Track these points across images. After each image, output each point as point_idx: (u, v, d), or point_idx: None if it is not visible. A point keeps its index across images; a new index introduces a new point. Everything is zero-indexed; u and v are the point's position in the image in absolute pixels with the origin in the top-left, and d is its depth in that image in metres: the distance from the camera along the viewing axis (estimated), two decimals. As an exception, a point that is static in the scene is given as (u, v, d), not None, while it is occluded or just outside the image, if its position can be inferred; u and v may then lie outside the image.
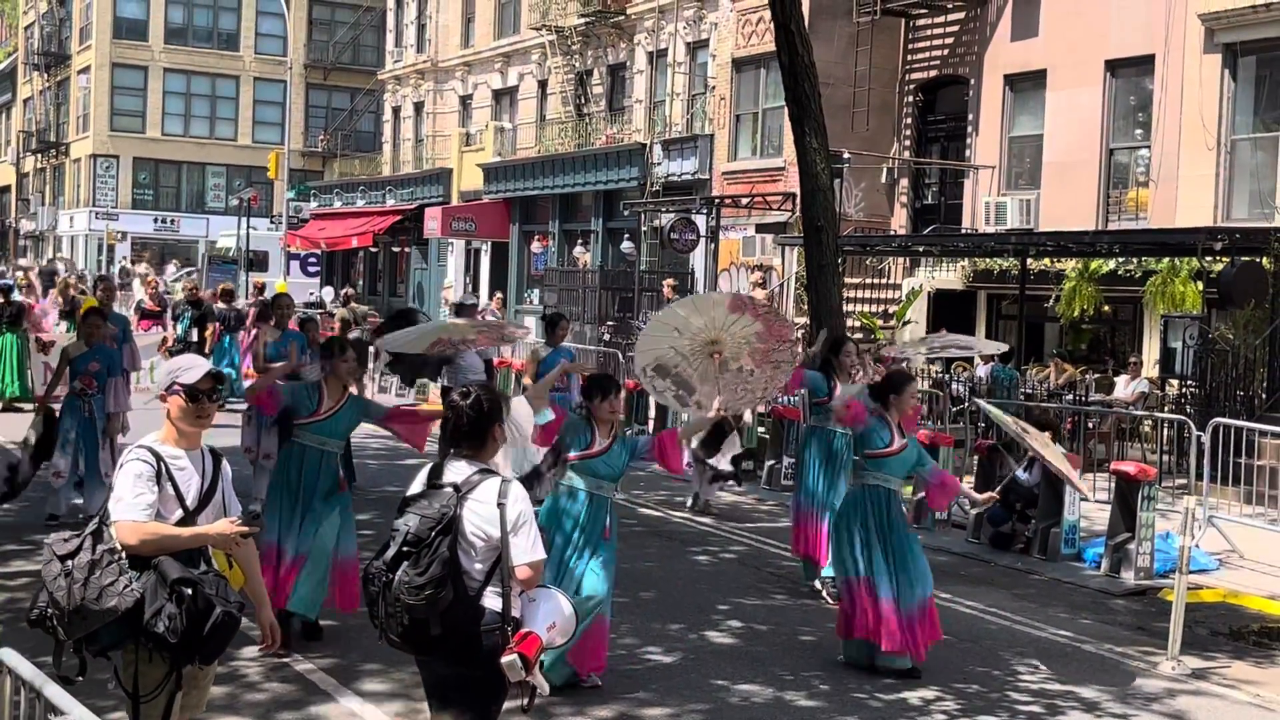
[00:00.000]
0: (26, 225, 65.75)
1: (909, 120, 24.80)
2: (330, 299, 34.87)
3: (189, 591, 4.72)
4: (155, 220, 56.97)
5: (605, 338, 26.15)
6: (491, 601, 4.89)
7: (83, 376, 11.92)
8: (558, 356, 13.13)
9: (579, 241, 32.09)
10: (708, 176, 27.36)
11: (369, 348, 20.97)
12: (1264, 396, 15.71)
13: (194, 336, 20.83)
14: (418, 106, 41.16)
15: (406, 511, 4.92)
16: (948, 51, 24.17)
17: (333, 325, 22.78)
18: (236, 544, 5.00)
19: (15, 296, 20.08)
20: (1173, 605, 9.19)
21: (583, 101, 32.86)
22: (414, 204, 38.31)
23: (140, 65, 56.49)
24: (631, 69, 31.07)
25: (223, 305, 21.74)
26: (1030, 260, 20.50)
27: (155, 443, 4.99)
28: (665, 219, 26.41)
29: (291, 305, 14.24)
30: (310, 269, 45.08)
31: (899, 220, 24.89)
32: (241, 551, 5.10)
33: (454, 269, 37.98)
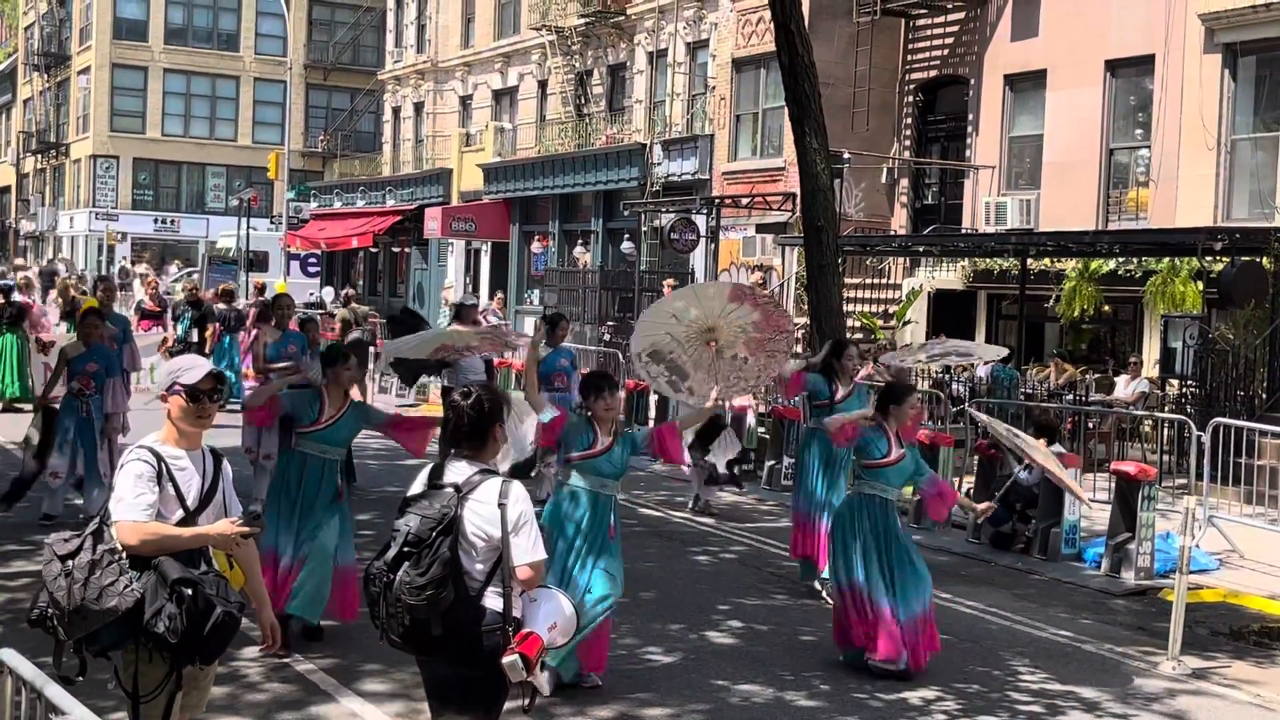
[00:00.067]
0: (26, 226, 65.76)
1: (909, 120, 24.80)
2: (330, 299, 34.86)
3: (189, 592, 4.72)
4: (155, 221, 56.98)
5: (605, 338, 26.15)
6: (492, 602, 4.89)
7: (80, 377, 11.92)
8: (558, 356, 13.14)
9: (579, 242, 32.09)
10: (708, 176, 27.36)
11: (369, 348, 21.00)
12: (1264, 396, 15.71)
13: (194, 337, 20.81)
14: (418, 107, 41.16)
15: (407, 512, 4.92)
16: (948, 51, 24.17)
17: (334, 326, 22.78)
18: (237, 544, 4.99)
19: (15, 297, 20.06)
20: (1173, 605, 9.19)
21: (583, 102, 32.86)
22: (414, 204, 38.30)
23: (140, 66, 56.50)
24: (631, 69, 31.07)
25: (223, 306, 21.72)
26: (1030, 260, 20.50)
27: (156, 443, 4.99)
28: (665, 219, 26.41)
29: (292, 306, 14.22)
30: (310, 269, 45.07)
31: (899, 220, 24.89)
32: (242, 552, 5.10)
33: (454, 269, 37.97)
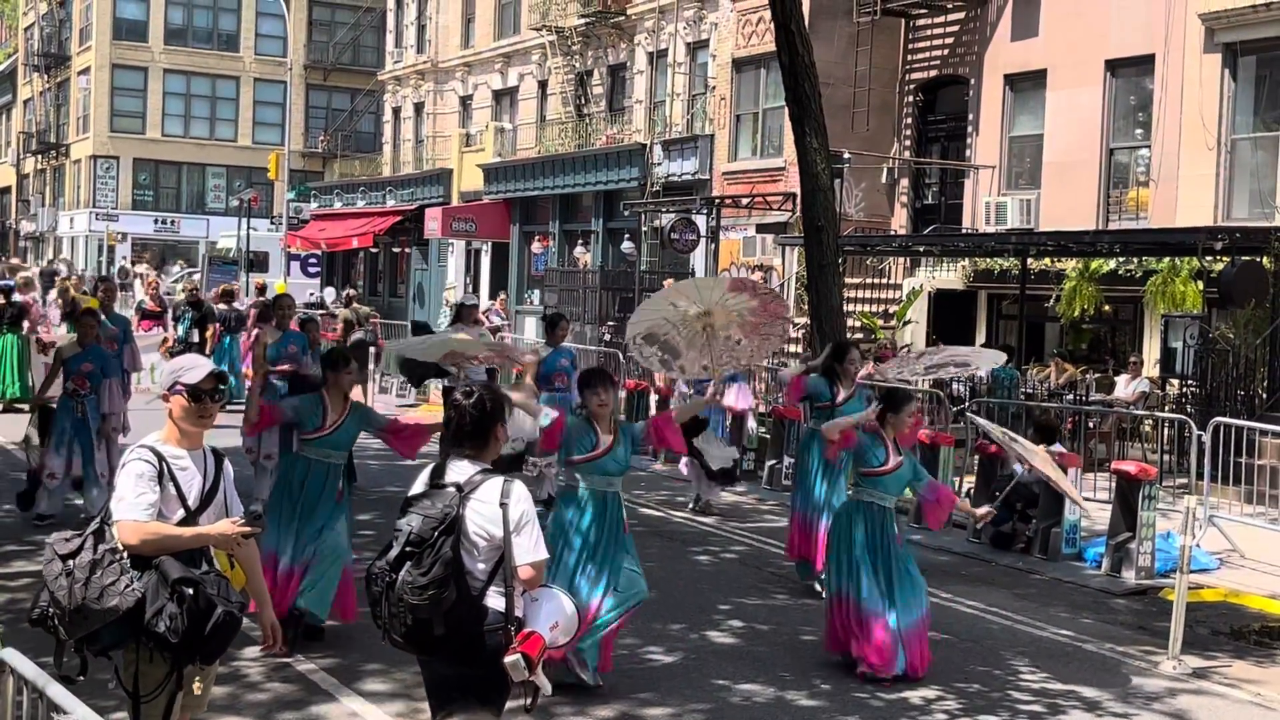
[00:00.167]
0: (27, 226, 65.77)
1: (909, 120, 24.80)
2: (332, 300, 34.87)
3: (190, 591, 4.72)
4: (155, 221, 56.99)
5: (605, 338, 26.16)
6: (494, 601, 4.89)
7: (75, 377, 11.92)
8: (558, 356, 13.14)
9: (579, 242, 32.09)
10: (708, 177, 27.37)
11: (369, 348, 20.99)
12: (1264, 396, 15.71)
13: (194, 337, 20.83)
14: (418, 107, 41.17)
15: (409, 511, 4.92)
16: (948, 51, 24.17)
17: (336, 326, 22.77)
18: (238, 544, 4.99)
19: (15, 297, 20.06)
20: (1174, 605, 9.19)
21: (583, 102, 32.86)
22: (414, 204, 38.30)
23: (140, 66, 56.50)
24: (631, 69, 31.08)
25: (223, 306, 21.74)
26: (1030, 260, 20.50)
27: (157, 442, 4.99)
28: (665, 219, 26.42)
29: (293, 306, 14.22)
30: (311, 270, 45.08)
31: (899, 220, 24.89)
32: (243, 551, 5.10)
33: (454, 269, 37.97)
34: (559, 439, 7.72)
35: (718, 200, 25.89)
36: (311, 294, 38.27)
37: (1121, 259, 19.68)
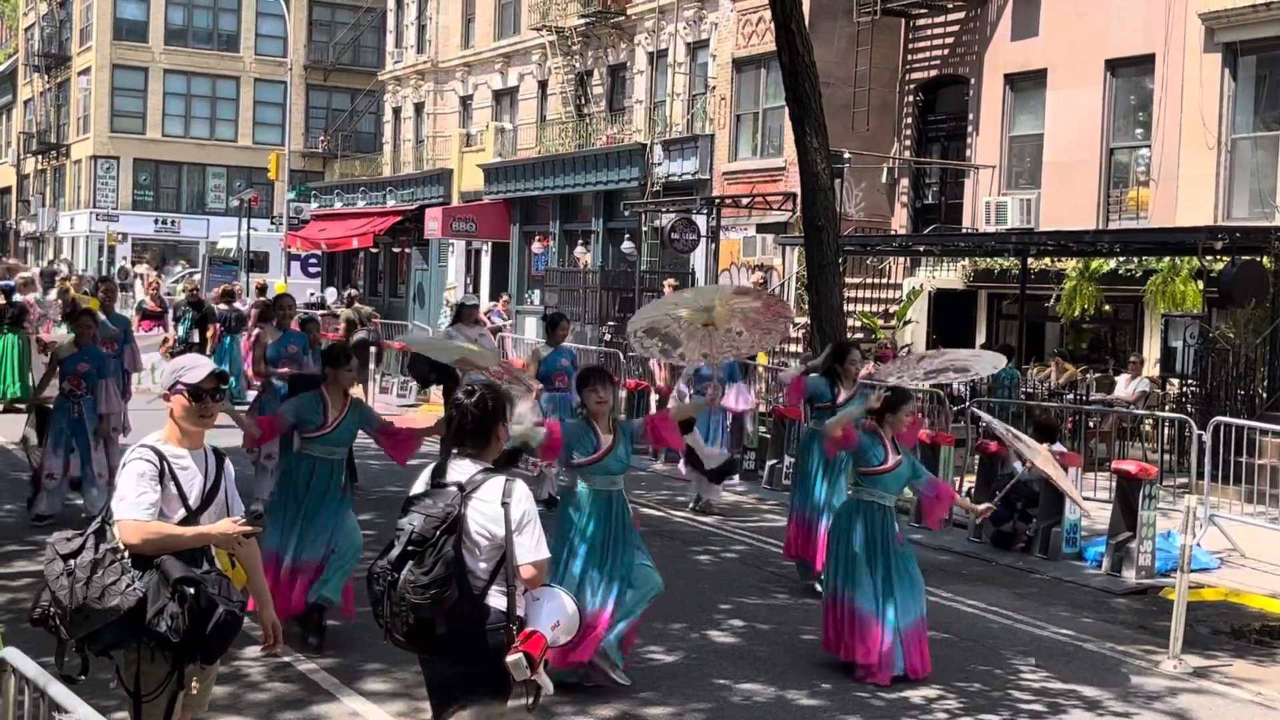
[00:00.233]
0: (27, 227, 65.78)
1: (909, 120, 24.80)
2: (334, 300, 34.89)
3: (191, 591, 4.72)
4: (156, 221, 57.01)
5: (606, 338, 26.15)
6: (496, 600, 4.90)
7: (71, 377, 11.92)
8: (559, 356, 13.16)
9: (579, 242, 32.09)
10: (708, 176, 27.36)
11: (370, 348, 21.00)
12: (1265, 395, 15.71)
13: (195, 338, 20.84)
14: (418, 107, 41.17)
15: (411, 511, 4.92)
16: (948, 51, 24.17)
17: (338, 326, 22.78)
18: (239, 543, 5.00)
19: (16, 297, 20.07)
20: (1174, 604, 9.20)
21: (583, 102, 32.86)
22: (414, 205, 38.30)
23: (140, 66, 56.51)
24: (632, 69, 31.08)
25: (224, 306, 21.76)
26: (1031, 260, 20.50)
27: (158, 442, 4.99)
28: (666, 219, 26.41)
29: (293, 306, 14.23)
30: (311, 270, 45.08)
31: (899, 220, 24.89)
32: (244, 551, 5.10)
33: (455, 270, 37.97)
34: (558, 448, 7.72)
35: (718, 200, 25.88)
36: (312, 294, 38.27)
37: (1121, 259, 19.68)
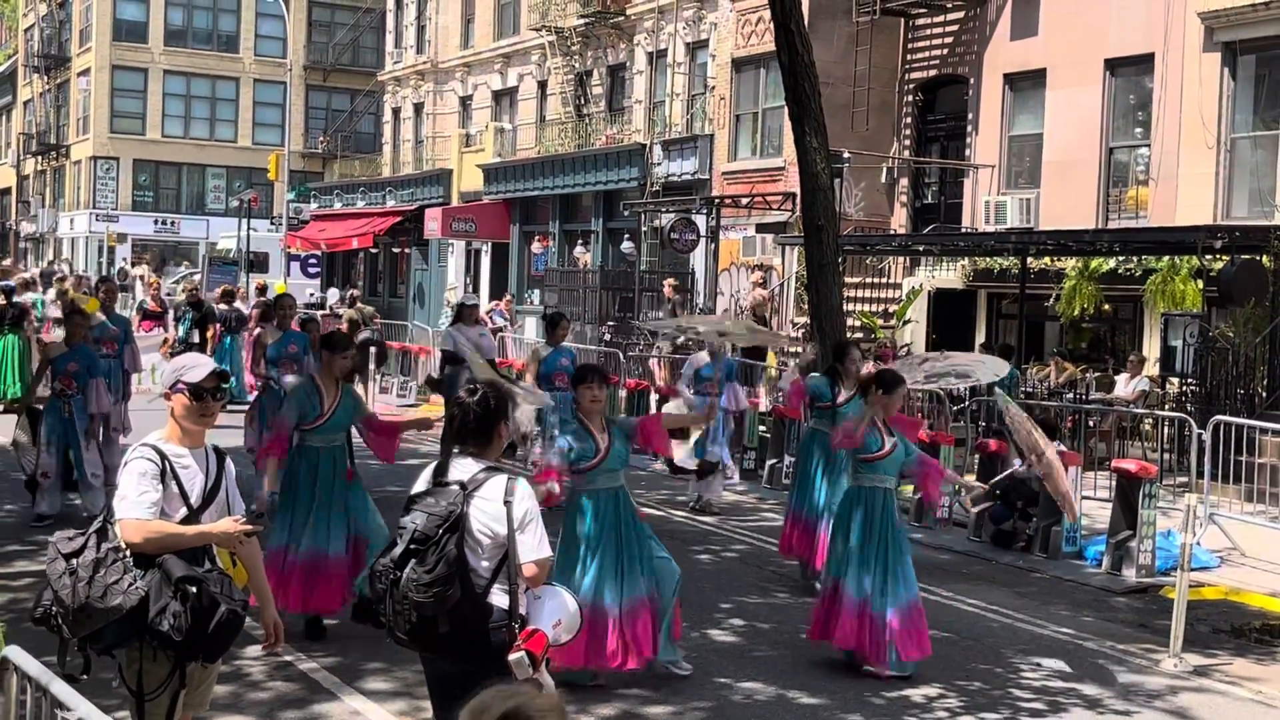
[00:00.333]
0: (27, 227, 65.78)
1: (909, 120, 24.81)
2: (335, 300, 34.89)
3: (193, 590, 4.72)
4: (155, 222, 57.01)
5: (605, 338, 26.17)
6: (498, 599, 4.90)
7: (62, 377, 11.92)
8: (558, 356, 13.17)
9: (579, 242, 32.09)
10: (708, 176, 27.36)
11: (370, 348, 20.99)
12: (1264, 394, 15.71)
13: (195, 338, 20.84)
14: (417, 107, 41.17)
15: (413, 509, 4.92)
16: (947, 51, 24.18)
17: (340, 326, 22.79)
18: (240, 542, 5.00)
19: (16, 298, 20.07)
20: (1174, 602, 9.20)
21: (582, 102, 32.86)
22: (414, 205, 38.30)
23: (140, 67, 56.51)
24: (631, 69, 31.08)
25: (224, 306, 21.76)
26: (1030, 259, 20.49)
27: (159, 441, 4.99)
28: (665, 219, 26.42)
29: (294, 306, 14.28)
30: (311, 270, 45.09)
31: (899, 219, 24.89)
32: (245, 549, 5.11)
33: (454, 270, 37.97)
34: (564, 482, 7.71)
35: (717, 200, 25.89)
36: (311, 294, 38.31)
37: (1121, 258, 19.68)
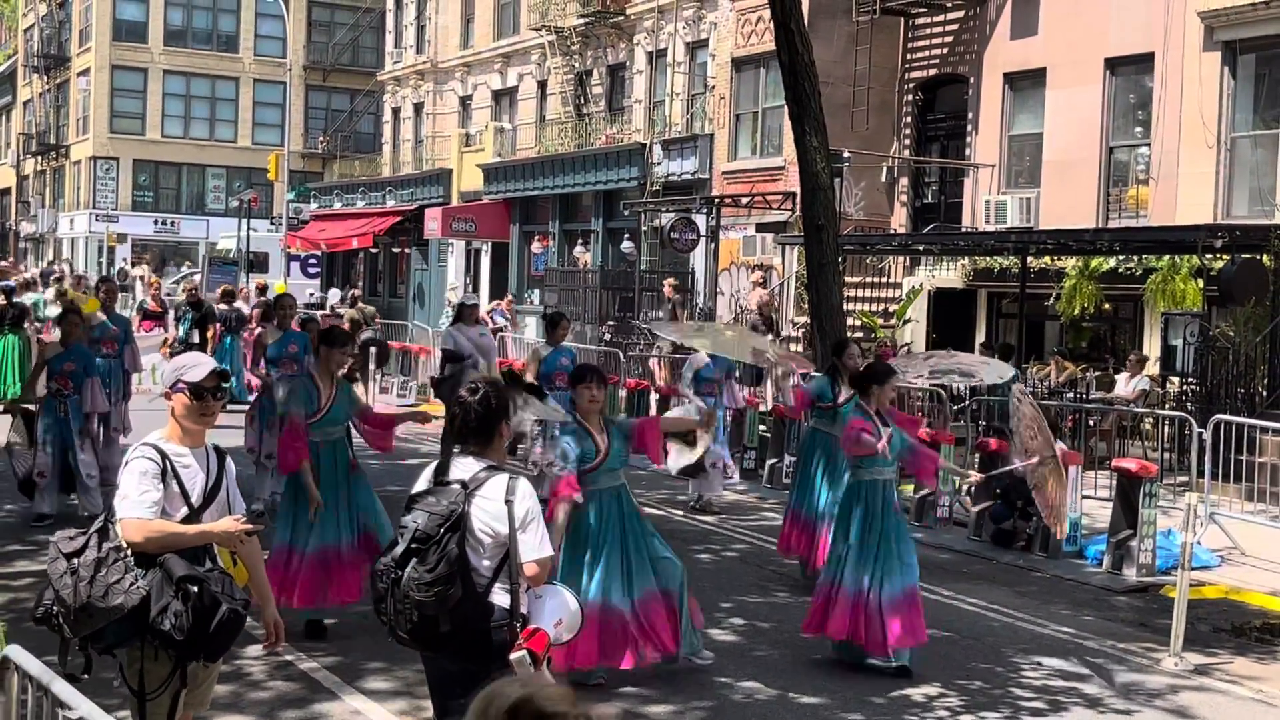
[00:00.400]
0: (27, 228, 65.77)
1: (909, 119, 24.80)
2: (337, 300, 34.88)
3: (195, 589, 4.72)
4: (155, 222, 57.01)
5: (606, 337, 26.17)
6: (499, 598, 4.90)
7: (58, 377, 11.93)
8: (559, 356, 13.16)
9: (579, 241, 32.10)
10: (708, 176, 27.36)
11: (370, 348, 20.99)
12: (1265, 393, 15.71)
13: (195, 338, 20.83)
14: (417, 107, 41.17)
15: (414, 508, 4.91)
16: (947, 50, 24.17)
17: (343, 327, 22.80)
18: (241, 541, 5.00)
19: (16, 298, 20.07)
20: (1175, 602, 9.20)
21: (582, 102, 32.86)
22: (414, 205, 38.30)
23: (140, 67, 56.50)
24: (631, 69, 31.08)
25: (224, 306, 21.75)
26: (1030, 258, 20.48)
27: (160, 440, 4.99)
28: (665, 219, 26.41)
29: (294, 306, 14.29)
30: (310, 270, 45.09)
31: (899, 219, 24.89)
32: (246, 549, 5.11)
33: (454, 270, 37.97)
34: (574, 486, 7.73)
35: (717, 200, 25.88)
36: (312, 294, 38.31)
37: (1121, 257, 19.67)
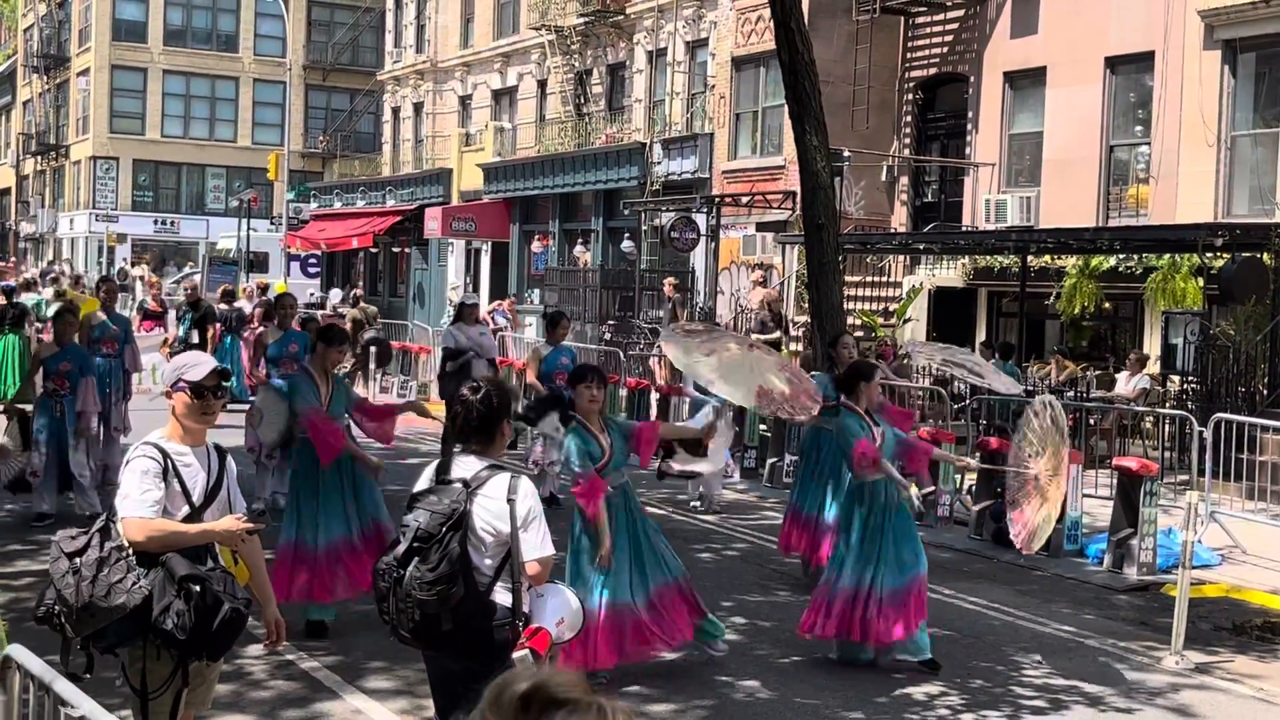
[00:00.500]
0: (26, 228, 65.77)
1: (909, 118, 24.80)
2: (338, 300, 34.88)
3: (197, 588, 4.73)
4: (155, 222, 57.01)
5: (606, 337, 26.17)
6: (501, 597, 4.91)
7: (54, 377, 11.92)
8: (559, 355, 13.17)
9: (579, 241, 32.09)
10: (708, 175, 27.36)
11: (371, 348, 20.97)
12: (1265, 392, 15.72)
13: (194, 338, 20.81)
14: (417, 107, 41.16)
15: (416, 507, 4.92)
16: (947, 49, 24.17)
17: (344, 326, 22.79)
18: (242, 540, 5.01)
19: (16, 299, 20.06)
20: (1175, 600, 9.20)
21: (582, 101, 32.87)
22: (414, 204, 38.30)
23: (139, 67, 56.50)
24: (631, 68, 31.08)
25: (224, 306, 21.74)
26: (1031, 257, 20.49)
27: (161, 439, 5.00)
28: (665, 218, 26.40)
29: (294, 305, 14.30)
30: (310, 270, 45.08)
31: (899, 218, 24.89)
32: (247, 548, 5.11)
33: (454, 269, 37.97)
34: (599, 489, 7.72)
35: (718, 199, 25.87)
36: (312, 294, 38.30)
37: (1122, 256, 19.67)
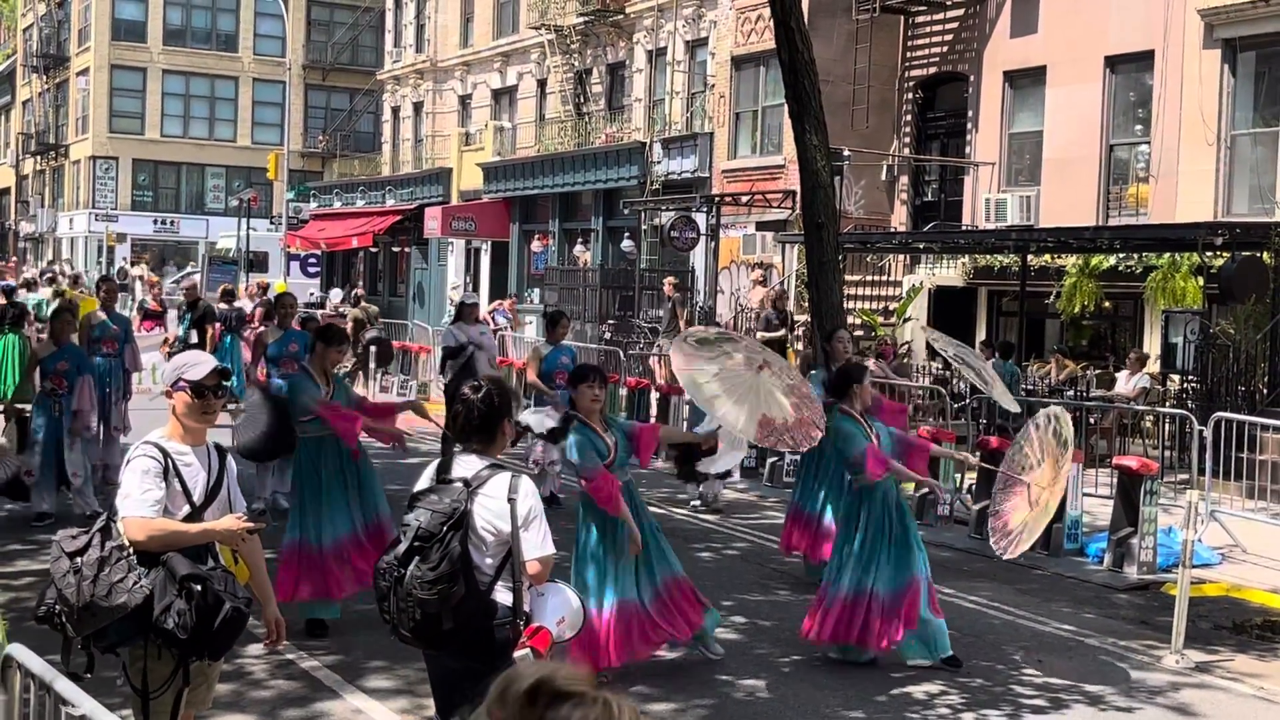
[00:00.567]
0: (26, 227, 65.77)
1: (909, 117, 24.80)
2: (339, 299, 34.89)
3: (198, 588, 4.73)
4: (155, 222, 57.02)
5: (606, 336, 26.17)
6: (502, 596, 4.90)
7: (52, 376, 11.92)
8: (559, 354, 13.16)
9: (579, 240, 32.10)
10: (708, 174, 27.36)
11: (371, 348, 20.98)
12: (1265, 391, 15.72)
13: (193, 338, 20.80)
14: (417, 106, 41.16)
15: (416, 506, 4.91)
16: (947, 48, 24.18)
17: (345, 325, 22.79)
18: (243, 539, 5.01)
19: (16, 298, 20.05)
20: (1176, 599, 9.20)
21: (582, 100, 32.86)
22: (414, 204, 38.31)
23: (139, 67, 56.50)
24: (631, 68, 31.08)
25: (224, 305, 21.74)
26: (1031, 256, 20.49)
27: (161, 439, 4.99)
28: (665, 217, 26.41)
29: (295, 305, 14.30)
30: (310, 269, 45.08)
31: (899, 217, 24.89)
32: (247, 547, 5.11)
33: (454, 269, 37.97)
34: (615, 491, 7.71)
35: (717, 198, 25.87)
36: (312, 294, 38.30)
37: (1122, 255, 19.67)
